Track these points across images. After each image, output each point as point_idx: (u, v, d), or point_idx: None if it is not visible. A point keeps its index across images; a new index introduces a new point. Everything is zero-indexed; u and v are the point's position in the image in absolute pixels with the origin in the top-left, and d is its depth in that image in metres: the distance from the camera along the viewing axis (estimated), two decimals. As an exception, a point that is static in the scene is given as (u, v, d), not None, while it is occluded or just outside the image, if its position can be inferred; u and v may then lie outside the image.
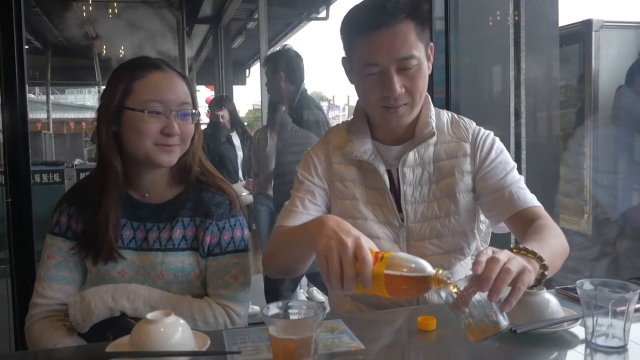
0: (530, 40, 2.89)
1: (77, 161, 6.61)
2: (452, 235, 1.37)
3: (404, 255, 0.97)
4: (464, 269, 1.41)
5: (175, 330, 0.98)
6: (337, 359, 0.70)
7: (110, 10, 8.03)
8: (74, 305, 1.26)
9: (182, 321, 1.01)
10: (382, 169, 1.39)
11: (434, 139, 1.40)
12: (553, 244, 1.16)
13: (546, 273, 1.06)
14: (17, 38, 2.01)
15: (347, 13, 1.35)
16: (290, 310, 0.93)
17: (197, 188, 1.39)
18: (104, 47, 9.94)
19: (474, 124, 1.45)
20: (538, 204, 1.33)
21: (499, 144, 1.42)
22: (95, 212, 1.32)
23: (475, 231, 1.42)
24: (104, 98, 1.33)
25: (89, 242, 1.34)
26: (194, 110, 1.34)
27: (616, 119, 2.86)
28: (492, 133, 1.43)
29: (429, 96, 1.42)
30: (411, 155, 1.38)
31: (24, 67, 2.03)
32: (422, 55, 1.30)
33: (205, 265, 1.37)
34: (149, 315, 0.99)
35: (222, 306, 1.34)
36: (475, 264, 0.92)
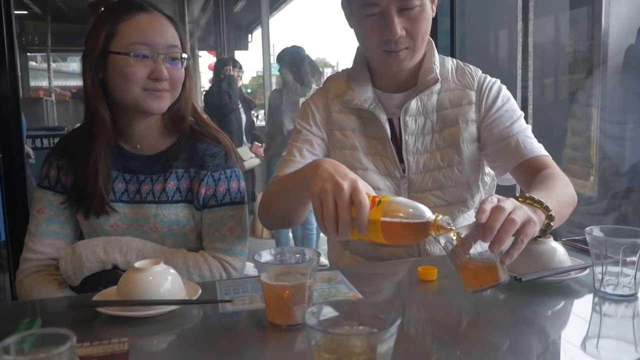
0: (539, 1, 2.79)
1: (77, 125, 6.56)
2: (455, 187, 1.32)
3: (402, 199, 0.92)
4: (467, 222, 1.36)
5: (165, 279, 0.94)
6: (332, 304, 0.66)
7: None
8: (65, 258, 1.23)
9: (172, 270, 0.97)
10: (383, 117, 1.33)
11: (438, 86, 1.34)
12: (560, 193, 1.11)
13: (552, 224, 1.01)
14: (4, 1, 1.97)
15: None
16: (283, 257, 0.89)
17: (191, 138, 1.34)
18: (104, 11, 9.73)
19: (480, 71, 1.38)
20: (545, 153, 1.28)
21: (505, 91, 1.35)
22: (84, 164, 1.28)
23: (480, 183, 1.37)
24: (87, 43, 1.26)
25: (80, 195, 1.30)
26: (183, 55, 1.28)
27: (627, 69, 2.77)
28: (498, 81, 1.37)
29: (433, 42, 1.35)
30: (413, 104, 1.32)
31: (13, 30, 2.02)
32: None
33: (200, 218, 1.33)
34: (137, 264, 0.95)
35: (218, 259, 1.30)
36: (479, 212, 0.87)
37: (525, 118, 2.66)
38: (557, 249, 1.04)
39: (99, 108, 1.26)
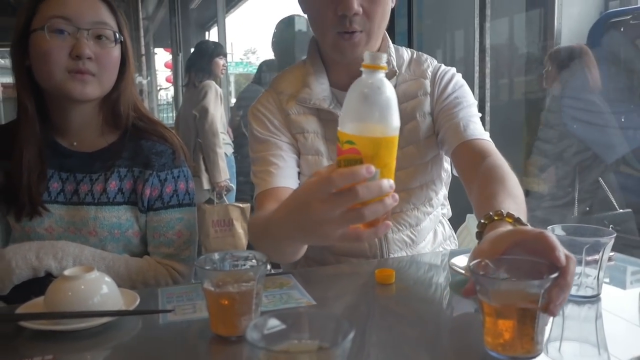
0: (495, 2, 2.80)
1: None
2: (421, 187, 1.26)
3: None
4: (432, 223, 1.31)
5: (98, 288, 0.85)
6: (278, 315, 0.59)
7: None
8: (-9, 265, 1.12)
9: (106, 278, 0.89)
10: None
11: (394, 80, 1.28)
12: (521, 199, 1.00)
13: None
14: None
15: None
16: (228, 261, 0.82)
17: (134, 135, 1.25)
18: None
19: (435, 61, 1.32)
20: (488, 138, 1.20)
21: (459, 79, 1.29)
22: (14, 161, 1.17)
23: (442, 178, 1.31)
24: (15, 28, 1.16)
25: (10, 195, 1.19)
26: (116, 34, 1.18)
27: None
28: (453, 69, 1.31)
29: (388, 36, 1.29)
30: None
31: None
32: None
33: (145, 221, 1.24)
34: (67, 272, 0.86)
35: (164, 265, 1.22)
36: (565, 273, 0.68)
37: (483, 117, 2.67)
38: (518, 249, 1.00)
39: (24, 98, 1.16)
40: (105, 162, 1.22)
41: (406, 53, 1.32)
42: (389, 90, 0.72)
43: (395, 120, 0.74)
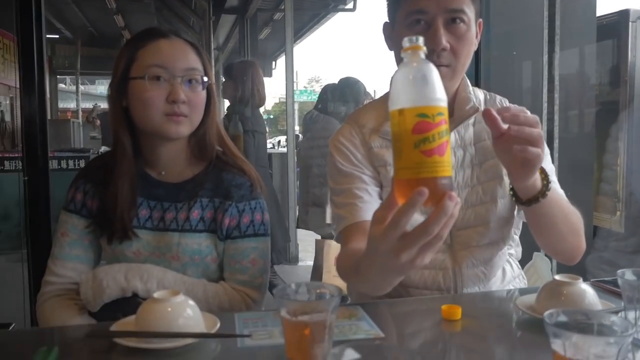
0: (565, 33, 2.76)
1: (102, 148, 6.66)
2: (497, 222, 1.27)
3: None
4: (501, 260, 1.32)
5: (183, 311, 0.93)
6: (354, 345, 0.63)
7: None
8: (85, 283, 1.22)
9: (190, 302, 0.96)
10: None
11: (472, 119, 1.31)
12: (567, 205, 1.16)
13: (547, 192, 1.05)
14: (37, 24, 2.02)
15: None
16: (304, 292, 0.87)
17: (217, 167, 1.34)
18: (133, 37, 10.02)
19: (508, 101, 1.35)
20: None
21: None
22: (110, 191, 1.28)
23: (515, 217, 1.32)
24: (113, 72, 1.29)
25: (104, 220, 1.30)
26: (204, 78, 1.28)
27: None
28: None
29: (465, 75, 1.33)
30: (452, 136, 1.27)
31: (43, 53, 2.05)
32: (472, 19, 1.20)
33: (222, 249, 1.32)
34: (156, 294, 0.94)
35: (238, 291, 1.29)
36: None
37: (552, 150, 2.62)
38: (587, 291, 1.01)
39: (121, 135, 1.28)
40: (189, 192, 1.32)
41: (481, 94, 1.35)
42: None
43: None
